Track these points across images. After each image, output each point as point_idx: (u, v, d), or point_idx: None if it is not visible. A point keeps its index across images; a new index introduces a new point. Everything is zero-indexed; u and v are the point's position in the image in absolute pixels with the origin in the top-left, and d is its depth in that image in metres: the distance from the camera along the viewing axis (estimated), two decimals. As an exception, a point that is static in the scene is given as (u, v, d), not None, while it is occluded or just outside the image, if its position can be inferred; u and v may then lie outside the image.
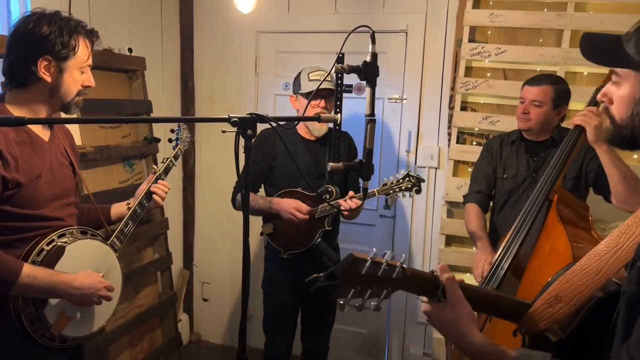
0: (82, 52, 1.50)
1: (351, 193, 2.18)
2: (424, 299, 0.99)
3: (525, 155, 2.20)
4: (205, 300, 3.57)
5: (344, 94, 3.00)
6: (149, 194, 1.82)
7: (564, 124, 2.19)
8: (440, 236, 2.90)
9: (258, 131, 2.55)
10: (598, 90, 1.99)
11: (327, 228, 2.27)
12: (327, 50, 2.90)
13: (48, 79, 1.46)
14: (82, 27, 1.52)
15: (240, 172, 2.44)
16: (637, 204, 1.85)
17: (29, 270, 1.40)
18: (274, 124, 1.42)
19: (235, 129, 1.35)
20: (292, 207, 2.20)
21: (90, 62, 1.55)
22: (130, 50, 2.68)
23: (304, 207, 2.21)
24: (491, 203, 2.36)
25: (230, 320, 3.50)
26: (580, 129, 1.88)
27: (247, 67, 3.19)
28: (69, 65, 1.48)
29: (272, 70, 3.15)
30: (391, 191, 2.21)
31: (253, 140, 1.38)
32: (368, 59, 1.45)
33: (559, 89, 2.05)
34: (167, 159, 1.94)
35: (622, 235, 0.94)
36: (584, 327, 1.00)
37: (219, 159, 3.28)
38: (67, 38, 1.46)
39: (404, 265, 0.93)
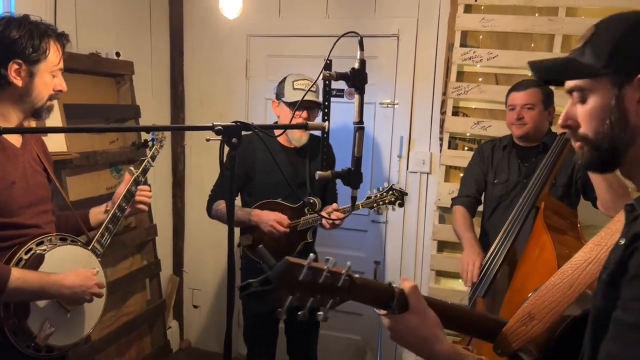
0: (53, 55, 1.48)
1: (334, 206, 2.15)
2: (382, 312, 0.94)
3: (516, 160, 2.18)
4: (195, 306, 3.52)
5: (336, 99, 3.00)
6: (128, 196, 1.78)
7: (553, 129, 2.18)
8: (432, 242, 2.88)
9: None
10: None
11: (309, 240, 2.25)
12: (318, 54, 2.86)
13: (19, 83, 1.43)
14: (53, 31, 1.49)
15: (217, 180, 2.39)
16: (621, 209, 1.84)
17: (18, 274, 1.38)
18: (260, 132, 1.39)
19: (219, 137, 1.32)
20: (272, 219, 2.14)
21: (61, 65, 1.52)
22: (117, 54, 2.65)
23: (285, 220, 2.16)
24: (482, 208, 2.34)
25: (222, 327, 3.46)
26: (567, 137, 1.87)
27: (237, 71, 3.16)
28: (40, 69, 1.45)
29: (263, 74, 3.12)
30: (375, 204, 2.21)
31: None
32: (356, 65, 1.43)
33: (546, 90, 2.07)
34: (144, 159, 1.90)
35: (595, 248, 0.91)
36: (561, 347, 0.95)
37: (209, 164, 3.24)
38: (37, 41, 1.43)
39: (353, 274, 0.88)
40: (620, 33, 0.79)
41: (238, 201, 2.38)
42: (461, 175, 2.81)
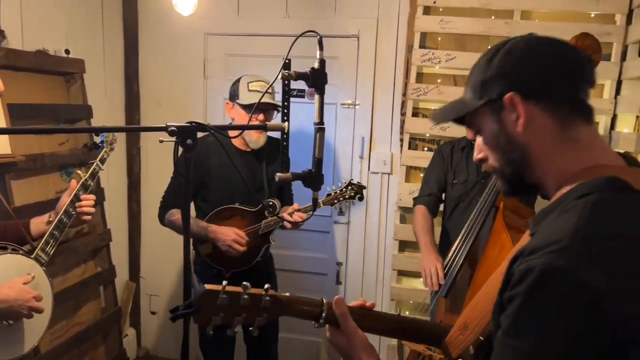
0: None
1: (295, 206, 2.11)
2: (315, 324, 1.03)
3: (474, 161, 2.21)
4: (153, 313, 3.41)
5: (296, 99, 2.97)
6: (75, 201, 1.69)
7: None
8: (394, 242, 2.89)
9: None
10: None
11: (272, 243, 2.21)
12: (278, 54, 2.80)
13: None
14: None
15: (168, 186, 2.31)
16: None
17: None
18: (216, 133, 1.34)
19: (173, 138, 1.26)
20: (230, 239, 2.08)
21: None
22: (67, 51, 2.52)
23: (243, 238, 2.10)
24: (442, 208, 2.37)
25: (180, 333, 3.32)
26: None
27: (195, 70, 3.08)
28: None
29: (221, 73, 3.05)
30: (335, 200, 2.20)
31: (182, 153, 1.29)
32: (316, 65, 1.40)
33: None
34: (93, 162, 1.81)
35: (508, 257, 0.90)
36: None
37: (167, 166, 3.11)
38: None
39: (277, 294, 0.99)
40: (485, 65, 0.84)
41: (192, 209, 2.31)
42: (421, 175, 2.83)
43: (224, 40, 3.02)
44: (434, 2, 2.67)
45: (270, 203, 2.17)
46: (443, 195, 2.31)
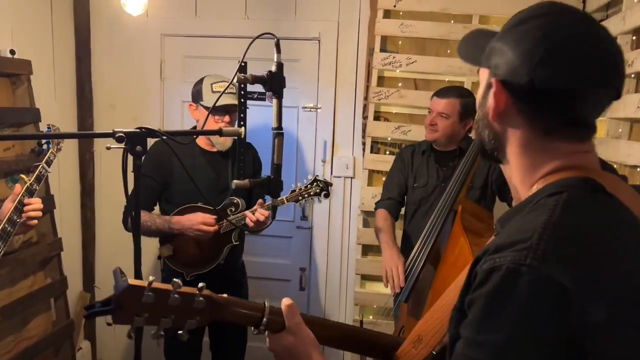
0: None
1: (260, 201, 2.05)
2: (255, 331, 0.93)
3: (434, 165, 2.22)
4: (109, 324, 3.27)
5: (258, 102, 2.91)
6: (20, 208, 1.59)
7: (471, 134, 2.24)
8: (357, 246, 2.88)
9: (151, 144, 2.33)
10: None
11: (235, 243, 2.14)
12: (238, 56, 2.73)
13: None
14: None
15: (130, 191, 2.24)
16: None
17: None
18: (169, 139, 1.28)
19: (122, 145, 1.20)
20: (198, 222, 2.02)
21: None
22: (12, 52, 2.38)
23: (211, 219, 2.04)
24: (403, 212, 2.36)
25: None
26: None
27: (151, 72, 2.97)
28: None
29: (179, 75, 2.96)
30: (300, 197, 2.12)
31: (146, 154, 1.24)
32: (273, 68, 1.37)
33: (466, 102, 2.09)
34: (38, 165, 1.71)
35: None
36: None
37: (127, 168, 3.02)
38: None
39: (213, 294, 0.88)
40: (506, 28, 0.75)
41: (157, 209, 2.24)
42: (384, 179, 2.83)
43: (182, 42, 2.94)
44: (394, 6, 2.67)
45: (235, 201, 2.10)
46: (404, 199, 2.31)
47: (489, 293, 0.63)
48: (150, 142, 1.59)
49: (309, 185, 2.14)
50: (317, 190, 2.13)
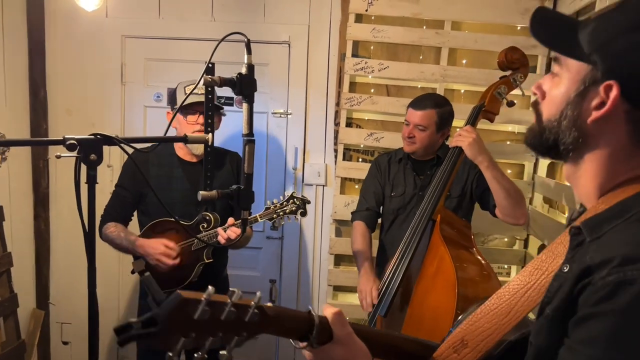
0: None
1: (231, 220, 1.94)
2: (301, 343, 0.81)
3: (412, 173, 2.16)
4: (65, 343, 3.07)
5: (227, 108, 2.79)
6: None
7: (448, 142, 2.19)
8: (329, 256, 2.79)
9: (109, 154, 2.18)
10: (475, 108, 2.00)
11: (207, 261, 2.02)
12: (204, 59, 2.63)
13: None
14: None
15: (109, 199, 2.13)
16: (520, 215, 1.89)
17: None
18: (142, 147, 1.16)
19: (74, 153, 1.07)
20: (159, 252, 1.91)
21: None
22: (-45, 51, 2.20)
23: (174, 250, 1.92)
24: (380, 221, 2.29)
25: (98, 365, 3.04)
26: (459, 149, 1.87)
27: (111, 76, 2.81)
28: None
29: (141, 79, 2.81)
30: (275, 215, 2.02)
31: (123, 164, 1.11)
32: (243, 70, 1.27)
33: (442, 112, 2.04)
34: None
35: (534, 272, 0.81)
36: None
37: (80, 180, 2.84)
38: None
39: (264, 304, 0.75)
40: (624, 29, 0.69)
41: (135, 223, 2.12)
42: (357, 187, 2.76)
43: (144, 44, 2.79)
44: (366, 10, 2.61)
45: (207, 217, 1.98)
46: (381, 208, 2.24)
47: (624, 308, 0.60)
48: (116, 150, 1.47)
49: (284, 202, 2.03)
50: (293, 208, 2.02)
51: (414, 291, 1.81)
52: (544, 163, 2.57)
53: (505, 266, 2.78)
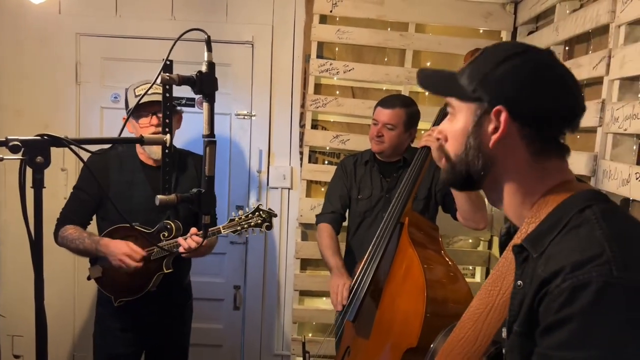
0: None
1: (193, 230, 1.87)
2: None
3: (378, 175, 2.14)
4: (17, 357, 2.90)
5: (187, 109, 2.71)
6: None
7: (413, 144, 2.18)
8: (295, 260, 2.74)
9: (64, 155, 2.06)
10: (442, 110, 2.01)
11: (166, 271, 1.93)
12: (163, 58, 2.55)
13: None
14: None
15: (67, 201, 2.03)
16: (480, 219, 1.90)
17: None
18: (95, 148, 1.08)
19: (19, 155, 0.99)
20: (122, 252, 1.82)
21: None
22: None
23: (138, 253, 1.83)
24: (346, 224, 2.26)
25: (52, 379, 2.89)
26: (427, 150, 1.87)
27: (65, 75, 2.68)
28: None
29: (97, 79, 2.69)
30: (239, 227, 1.94)
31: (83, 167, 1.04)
32: (204, 68, 1.21)
33: (411, 112, 2.03)
34: None
35: (491, 293, 0.84)
36: None
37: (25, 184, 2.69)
38: None
39: None
40: (495, 63, 0.80)
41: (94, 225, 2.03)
42: (323, 190, 2.72)
43: (100, 42, 2.67)
44: (330, 11, 2.59)
45: (168, 226, 1.90)
46: (347, 211, 2.20)
47: (585, 309, 0.65)
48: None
49: (250, 215, 1.96)
50: (259, 222, 1.96)
51: (383, 295, 1.78)
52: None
53: (470, 267, 2.80)
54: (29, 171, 1.05)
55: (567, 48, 2.05)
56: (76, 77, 2.69)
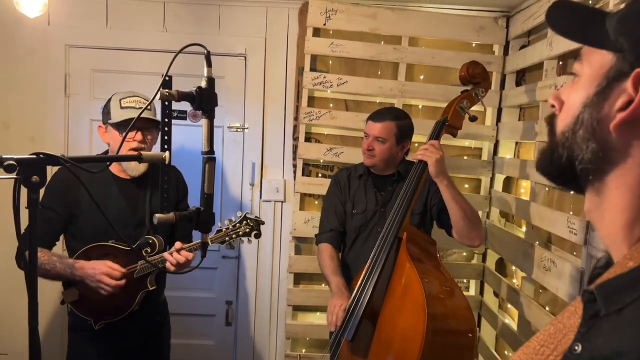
0: None
1: (178, 244, 1.81)
2: None
3: (372, 189, 2.12)
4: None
5: (177, 121, 2.67)
6: None
7: (408, 157, 2.17)
8: (289, 275, 2.71)
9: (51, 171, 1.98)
10: (438, 123, 2.00)
11: (150, 288, 1.88)
12: (155, 70, 2.53)
13: None
14: None
15: (28, 224, 1.91)
16: (475, 237, 1.89)
17: None
18: (75, 167, 1.04)
19: (13, 174, 0.95)
20: (101, 272, 1.73)
21: None
22: None
23: (117, 271, 1.76)
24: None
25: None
26: (423, 164, 1.86)
27: (54, 87, 2.63)
28: None
29: (87, 91, 2.65)
30: (227, 238, 1.89)
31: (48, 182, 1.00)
32: (203, 84, 1.19)
33: (402, 125, 2.02)
34: None
35: (540, 350, 0.60)
36: None
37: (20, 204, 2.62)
38: None
39: None
40: None
41: (59, 247, 1.93)
42: (316, 203, 2.70)
43: (90, 54, 2.63)
44: (324, 25, 2.58)
45: (150, 241, 1.85)
46: (344, 227, 2.17)
47: None
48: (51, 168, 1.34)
49: (237, 224, 1.91)
50: (247, 230, 1.91)
51: (382, 312, 1.75)
52: (500, 178, 2.61)
53: (465, 280, 2.79)
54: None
55: (561, 63, 2.06)
56: (65, 89, 2.64)
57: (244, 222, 1.93)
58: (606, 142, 0.55)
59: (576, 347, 0.54)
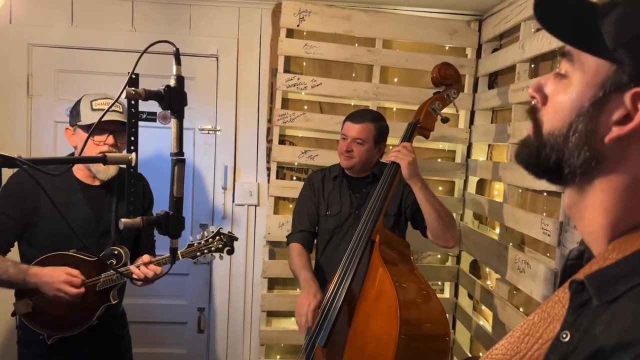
0: None
1: (146, 257, 1.74)
2: None
3: (347, 191, 2.10)
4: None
5: (146, 123, 2.60)
6: None
7: (382, 159, 2.16)
8: (262, 280, 2.66)
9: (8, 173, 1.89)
10: (410, 125, 1.99)
11: (113, 302, 1.80)
12: (123, 71, 2.42)
13: None
14: None
15: None
16: (450, 238, 1.88)
17: None
18: (34, 169, 0.98)
19: (-37, 177, 0.89)
20: (60, 280, 1.63)
21: None
22: None
23: (78, 278, 1.66)
24: (315, 242, 2.20)
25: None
26: (396, 166, 1.85)
27: (16, 88, 2.52)
28: None
29: (51, 92, 2.55)
30: (199, 253, 1.85)
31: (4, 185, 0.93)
32: (172, 83, 1.14)
33: (380, 127, 2.01)
34: None
35: (524, 339, 0.60)
36: None
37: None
38: None
39: None
40: None
41: (14, 253, 1.81)
42: (291, 206, 2.66)
43: (54, 53, 2.53)
44: (298, 26, 2.55)
45: (115, 252, 1.77)
46: (316, 229, 2.14)
47: None
48: (9, 171, 1.27)
49: (210, 239, 1.87)
50: (220, 246, 1.88)
51: (355, 317, 1.73)
52: (474, 180, 2.63)
53: (439, 283, 2.79)
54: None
55: (532, 66, 2.08)
56: (28, 90, 2.53)
57: (217, 237, 1.89)
58: (599, 152, 0.55)
59: (564, 335, 0.54)
